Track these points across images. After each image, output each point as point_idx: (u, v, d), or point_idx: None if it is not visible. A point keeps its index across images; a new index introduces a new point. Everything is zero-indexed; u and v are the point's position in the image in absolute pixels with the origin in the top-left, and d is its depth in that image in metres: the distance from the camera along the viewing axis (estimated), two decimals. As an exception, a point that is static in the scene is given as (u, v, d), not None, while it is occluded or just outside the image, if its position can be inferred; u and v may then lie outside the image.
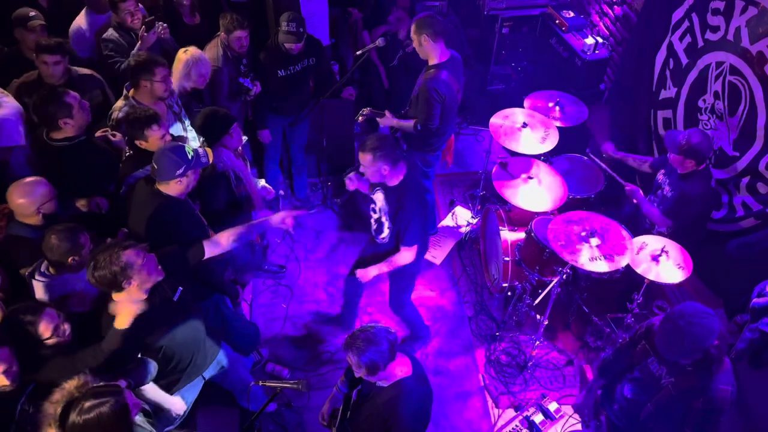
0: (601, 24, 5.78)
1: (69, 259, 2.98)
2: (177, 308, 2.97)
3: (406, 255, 3.59)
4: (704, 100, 4.35)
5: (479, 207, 5.37)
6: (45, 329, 2.68)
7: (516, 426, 3.96)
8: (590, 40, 5.11)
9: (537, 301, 4.08)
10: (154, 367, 2.88)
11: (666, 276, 3.57)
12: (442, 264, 5.12)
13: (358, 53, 4.71)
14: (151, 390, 3.01)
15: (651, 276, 3.58)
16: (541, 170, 4.39)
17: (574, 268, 3.85)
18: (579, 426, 3.89)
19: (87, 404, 2.23)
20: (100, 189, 3.68)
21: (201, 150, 3.19)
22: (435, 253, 5.17)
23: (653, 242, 3.73)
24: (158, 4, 5.01)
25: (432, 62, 4.22)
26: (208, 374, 3.34)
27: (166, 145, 3.16)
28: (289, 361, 4.40)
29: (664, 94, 4.80)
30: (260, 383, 2.95)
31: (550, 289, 3.92)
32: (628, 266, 3.67)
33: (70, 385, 2.35)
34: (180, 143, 3.17)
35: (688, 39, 4.45)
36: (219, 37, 4.44)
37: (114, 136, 3.78)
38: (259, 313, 4.69)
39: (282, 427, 4.01)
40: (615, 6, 5.50)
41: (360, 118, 4.59)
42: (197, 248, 3.07)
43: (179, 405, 3.16)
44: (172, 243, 3.03)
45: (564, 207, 4.26)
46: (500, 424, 4.06)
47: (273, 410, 4.03)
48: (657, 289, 4.44)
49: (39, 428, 2.35)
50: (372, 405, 2.76)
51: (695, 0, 4.34)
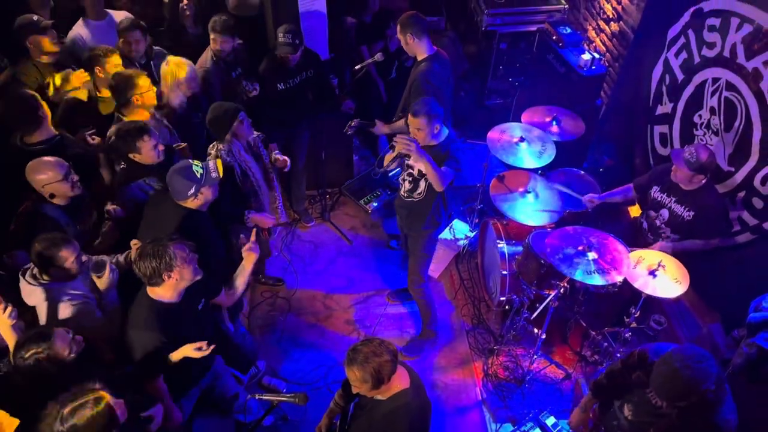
0: (598, 40, 5.84)
1: (51, 270, 2.95)
2: (199, 318, 3.01)
3: (449, 178, 3.72)
4: (700, 116, 4.39)
5: (477, 220, 5.38)
6: (62, 349, 2.62)
7: (513, 441, 3.95)
8: (587, 56, 5.15)
9: (535, 315, 4.08)
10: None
11: (663, 290, 3.58)
12: (440, 277, 5.12)
13: (357, 68, 4.75)
14: None
15: (648, 290, 3.58)
16: (539, 184, 4.41)
17: (572, 282, 3.85)
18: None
19: (67, 410, 2.22)
20: (86, 184, 3.63)
21: (211, 164, 3.20)
22: (432, 267, 5.15)
23: (650, 256, 3.74)
24: (163, 16, 5.05)
25: (421, 57, 4.30)
26: (205, 383, 3.33)
27: (175, 167, 3.18)
28: (286, 375, 4.39)
29: (661, 110, 4.84)
30: (257, 397, 2.93)
31: (548, 303, 3.93)
32: (626, 280, 3.68)
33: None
34: (188, 162, 3.18)
35: (684, 55, 4.50)
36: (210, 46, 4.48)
37: (93, 139, 3.82)
38: (257, 326, 4.68)
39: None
40: (611, 22, 5.56)
41: (348, 131, 4.61)
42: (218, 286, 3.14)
43: None
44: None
45: (561, 221, 4.28)
46: (498, 439, 4.05)
47: (269, 424, 4.01)
48: (654, 303, 4.43)
49: None
50: (370, 418, 2.74)
51: (691, 17, 4.39)
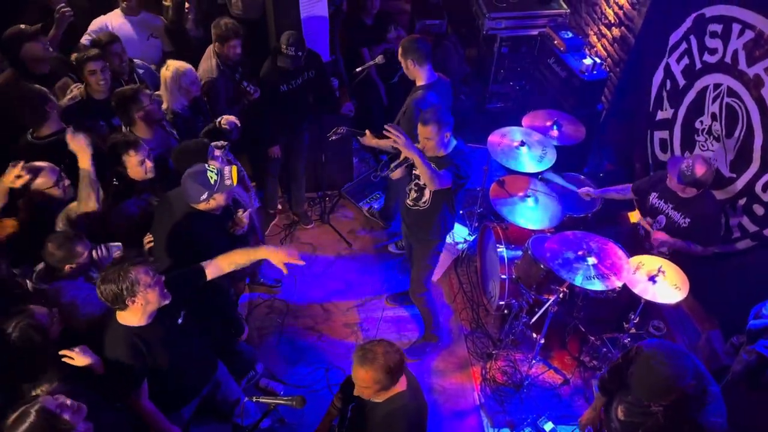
0: (599, 45, 5.84)
1: (65, 267, 2.98)
2: (182, 331, 2.96)
3: (446, 181, 3.60)
4: (701, 122, 4.38)
5: (477, 224, 5.38)
6: (42, 318, 2.67)
7: (511, 446, 3.93)
8: (588, 61, 5.15)
9: (534, 320, 4.07)
10: None
11: (663, 296, 3.57)
12: (439, 281, 5.11)
13: (358, 70, 4.74)
14: None
15: (648, 296, 3.58)
16: (539, 188, 4.40)
17: (571, 287, 3.84)
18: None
19: (9, 421, 2.19)
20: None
21: (226, 171, 3.18)
22: (432, 270, 5.16)
23: (650, 262, 3.73)
24: (165, 19, 5.04)
25: (419, 83, 4.25)
26: (205, 390, 3.31)
27: (191, 171, 3.16)
28: (284, 377, 4.37)
29: (661, 115, 4.84)
30: (254, 399, 2.92)
31: (547, 308, 3.91)
32: (625, 286, 3.67)
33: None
34: (203, 167, 3.17)
35: (686, 61, 4.50)
36: (212, 47, 4.46)
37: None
38: (255, 328, 4.66)
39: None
40: (613, 27, 5.56)
41: (333, 137, 4.59)
42: (198, 272, 3.03)
43: None
44: (199, 256, 3.06)
45: (561, 226, 4.27)
46: (495, 444, 4.03)
47: (266, 426, 3.99)
48: (654, 309, 4.42)
49: None
50: (368, 420, 2.74)
51: (693, 22, 4.39)
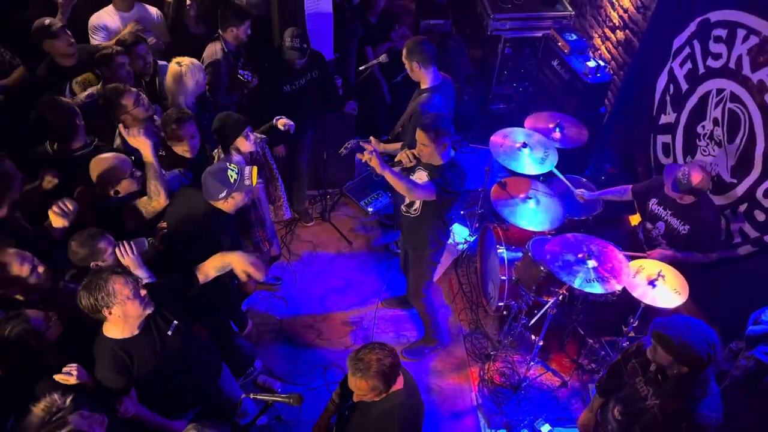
0: (603, 48, 5.84)
1: (91, 264, 2.96)
2: (174, 343, 2.88)
3: (428, 192, 3.51)
4: (703, 127, 4.38)
5: (477, 225, 5.38)
6: (37, 322, 2.65)
7: (508, 447, 3.94)
8: (592, 63, 5.15)
9: (533, 322, 4.06)
10: None
11: (662, 300, 3.57)
12: (439, 281, 5.11)
13: (361, 68, 4.74)
14: None
15: (647, 300, 3.58)
16: (540, 190, 4.40)
17: (571, 290, 3.84)
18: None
19: None
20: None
21: (247, 171, 3.19)
22: (431, 270, 5.16)
23: (650, 266, 3.73)
24: (166, 15, 5.03)
25: (424, 86, 4.22)
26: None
27: (212, 168, 3.20)
28: (282, 374, 4.37)
29: (664, 119, 4.84)
30: (251, 396, 2.93)
31: (546, 310, 3.91)
32: (625, 289, 3.67)
33: (38, 408, 2.35)
34: (225, 165, 3.18)
35: (689, 65, 4.49)
36: (214, 41, 4.45)
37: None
38: (254, 325, 4.66)
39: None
40: (617, 30, 5.55)
41: (344, 152, 4.59)
42: (189, 278, 3.00)
43: None
44: (206, 252, 3.05)
45: (562, 228, 4.27)
46: (492, 445, 4.04)
47: (263, 423, 3.99)
48: (653, 314, 4.41)
49: None
50: (364, 418, 2.74)
51: (697, 27, 4.38)
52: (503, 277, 4.31)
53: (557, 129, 4.71)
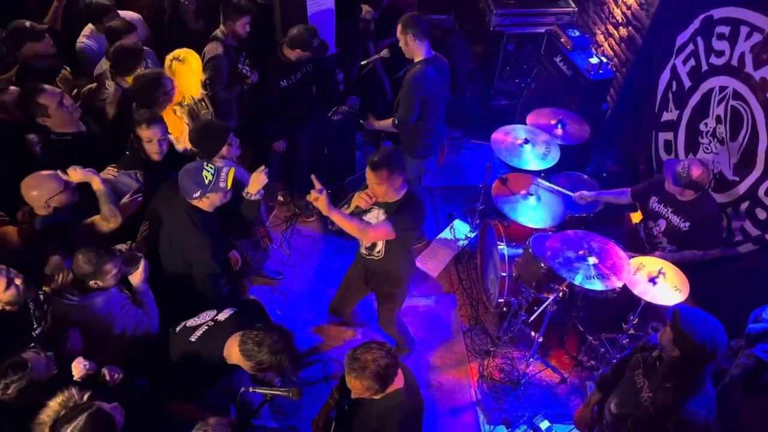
0: (606, 44, 5.82)
1: (91, 283, 2.95)
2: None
3: (385, 231, 3.33)
4: (706, 124, 4.37)
5: (478, 221, 5.37)
6: (42, 373, 2.57)
7: (507, 443, 3.94)
8: (594, 60, 5.13)
9: (532, 318, 4.06)
10: None
11: (662, 298, 3.56)
12: (439, 277, 5.11)
13: (363, 63, 4.74)
14: None
15: (647, 297, 3.57)
16: (541, 187, 4.40)
17: (571, 286, 3.84)
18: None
19: (67, 431, 2.25)
20: None
21: (223, 173, 3.18)
22: (432, 266, 5.16)
23: (650, 263, 3.72)
24: (164, 11, 5.02)
25: (417, 59, 4.25)
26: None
27: (188, 166, 3.21)
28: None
29: (666, 116, 4.82)
30: (250, 389, 2.93)
31: (546, 307, 3.91)
32: (625, 286, 3.66)
33: (55, 402, 2.38)
34: (201, 165, 3.18)
35: (692, 62, 4.48)
36: (215, 38, 4.44)
37: None
38: (253, 319, 4.66)
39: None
40: (620, 27, 5.53)
41: (334, 116, 4.58)
42: None
43: None
44: (185, 249, 3.13)
45: (562, 225, 4.27)
46: (491, 441, 4.04)
47: (261, 424, 3.99)
48: (653, 311, 4.41)
49: None
50: (364, 416, 2.75)
51: (701, 24, 4.37)
52: (503, 274, 4.31)
53: (559, 125, 4.70)
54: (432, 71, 4.22)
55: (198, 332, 2.94)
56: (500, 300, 4.41)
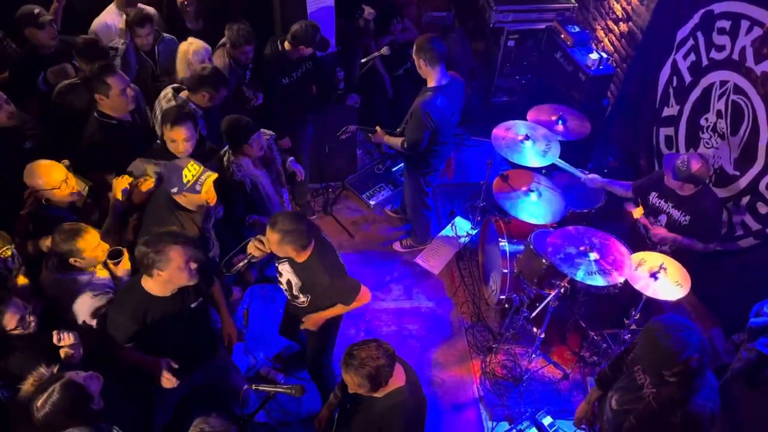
0: (606, 40, 5.81)
1: (71, 260, 2.98)
2: (191, 317, 3.02)
3: (359, 301, 3.34)
4: (706, 119, 4.36)
5: (479, 218, 5.37)
6: (10, 320, 2.67)
7: (510, 439, 3.95)
8: (595, 56, 5.13)
9: (534, 314, 4.07)
10: None
11: (664, 293, 3.56)
12: (441, 274, 5.11)
13: (363, 60, 4.74)
14: None
15: (649, 292, 3.57)
16: (542, 183, 4.40)
17: (573, 282, 3.84)
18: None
19: (39, 402, 2.31)
20: None
21: (203, 177, 3.17)
22: (434, 263, 5.17)
23: (652, 258, 3.72)
24: (161, 9, 5.02)
25: (429, 84, 4.19)
26: (196, 381, 3.33)
27: (173, 162, 3.24)
28: (284, 366, 4.39)
29: (667, 112, 4.82)
30: (253, 387, 2.95)
31: (548, 303, 3.91)
32: (627, 282, 3.66)
33: (28, 384, 2.45)
34: (185, 163, 3.19)
35: (693, 57, 4.47)
36: (225, 48, 4.44)
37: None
38: (256, 318, 4.68)
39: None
40: (620, 22, 5.53)
41: (343, 136, 4.55)
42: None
43: None
44: None
45: (563, 221, 4.27)
46: (494, 437, 4.05)
47: (263, 421, 4.01)
48: (655, 306, 4.41)
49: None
50: (366, 415, 2.75)
51: (701, 19, 4.36)
52: (505, 270, 4.31)
53: (560, 121, 4.70)
54: (443, 101, 4.13)
55: None
56: (502, 297, 4.42)
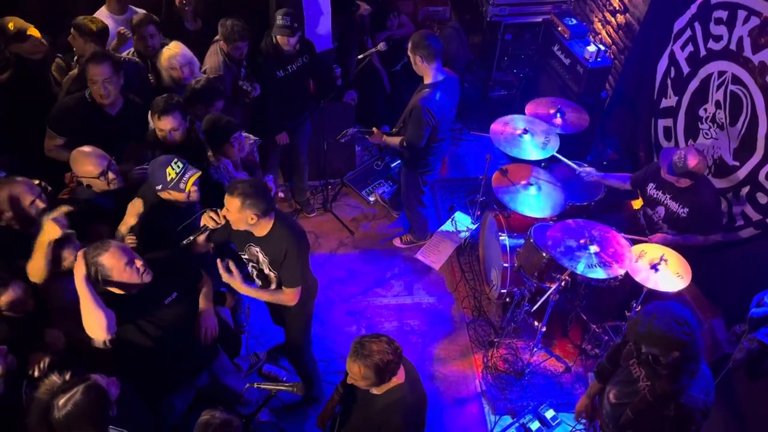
0: (604, 32, 5.80)
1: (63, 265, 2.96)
2: (169, 313, 2.98)
3: (290, 296, 3.28)
4: (705, 110, 4.35)
5: (479, 213, 5.37)
6: (5, 301, 2.73)
7: (512, 433, 3.95)
8: (592, 48, 5.11)
9: (535, 308, 4.07)
10: None
11: (665, 284, 3.56)
12: (441, 269, 5.12)
13: (360, 57, 4.72)
14: None
15: (650, 284, 3.57)
16: (541, 177, 4.39)
17: (573, 275, 3.84)
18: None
19: (61, 401, 2.32)
20: None
21: (187, 175, 3.16)
22: (434, 259, 5.17)
23: (652, 250, 3.72)
24: (159, 10, 5.00)
25: (426, 81, 4.18)
26: (200, 383, 3.34)
27: (161, 158, 3.22)
28: (287, 364, 4.39)
29: (665, 103, 4.81)
30: (255, 386, 2.95)
31: (549, 296, 3.92)
32: (627, 274, 3.66)
33: (41, 392, 2.47)
34: (170, 160, 3.17)
35: (690, 48, 4.46)
36: (218, 44, 4.43)
37: None
38: (258, 316, 4.68)
39: (277, 428, 4.00)
40: (618, 14, 5.51)
41: (342, 139, 4.53)
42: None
43: None
44: (155, 240, 3.12)
45: (563, 214, 4.27)
46: (497, 431, 4.05)
47: (265, 420, 4.02)
48: (656, 298, 4.41)
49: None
50: (366, 412, 2.76)
51: (698, 9, 4.35)
52: (505, 264, 4.31)
53: (558, 114, 4.69)
54: (442, 96, 4.13)
55: None
56: (503, 291, 4.41)
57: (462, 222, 5.47)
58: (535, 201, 4.26)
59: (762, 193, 3.92)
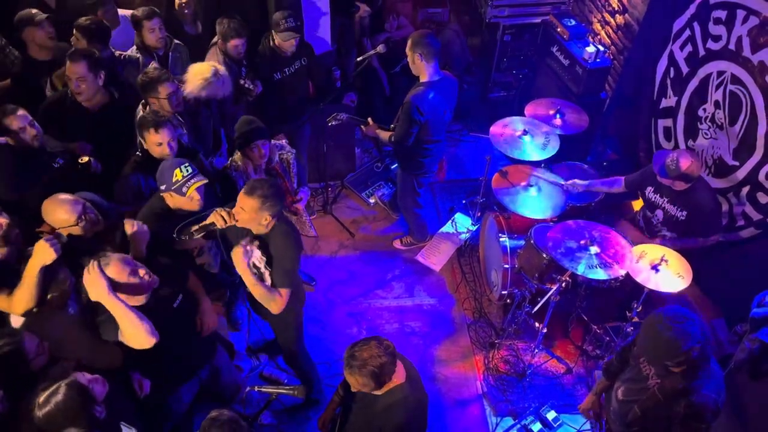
0: (603, 32, 5.80)
1: (48, 296, 2.90)
2: (178, 315, 2.99)
3: (281, 298, 3.20)
4: (704, 110, 4.35)
5: (479, 214, 5.37)
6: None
7: (514, 434, 3.95)
8: (591, 49, 5.12)
9: (536, 309, 4.07)
10: None
11: (666, 285, 3.56)
12: (442, 271, 5.11)
13: (359, 59, 4.72)
14: None
15: (650, 285, 3.57)
16: (541, 177, 4.39)
17: (574, 276, 3.84)
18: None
19: (41, 399, 2.32)
20: None
21: (192, 180, 3.15)
22: (434, 260, 5.17)
23: (653, 251, 3.72)
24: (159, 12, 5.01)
25: (422, 79, 4.17)
26: (204, 374, 3.34)
27: (168, 161, 3.24)
28: (287, 366, 4.38)
29: (665, 103, 4.81)
30: (256, 388, 2.95)
31: (549, 297, 3.91)
32: (628, 275, 3.66)
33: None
34: (179, 163, 3.18)
35: (689, 48, 4.46)
36: (216, 45, 4.43)
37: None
38: (259, 319, 4.66)
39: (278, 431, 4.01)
40: (617, 14, 5.51)
41: (332, 122, 4.53)
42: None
43: None
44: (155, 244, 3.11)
45: (563, 215, 4.27)
46: (498, 433, 4.05)
47: (268, 423, 4.01)
48: (657, 298, 4.41)
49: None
50: (367, 413, 2.75)
51: (697, 9, 4.35)
52: (506, 266, 4.31)
53: (558, 115, 4.69)
54: (435, 96, 4.11)
55: None
56: (503, 292, 4.41)
57: (462, 223, 5.47)
58: (536, 202, 4.26)
59: (762, 193, 3.92)
